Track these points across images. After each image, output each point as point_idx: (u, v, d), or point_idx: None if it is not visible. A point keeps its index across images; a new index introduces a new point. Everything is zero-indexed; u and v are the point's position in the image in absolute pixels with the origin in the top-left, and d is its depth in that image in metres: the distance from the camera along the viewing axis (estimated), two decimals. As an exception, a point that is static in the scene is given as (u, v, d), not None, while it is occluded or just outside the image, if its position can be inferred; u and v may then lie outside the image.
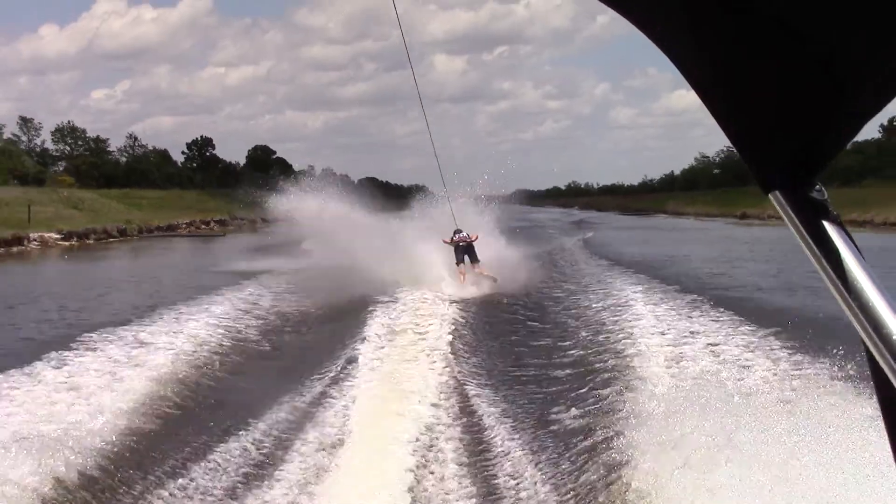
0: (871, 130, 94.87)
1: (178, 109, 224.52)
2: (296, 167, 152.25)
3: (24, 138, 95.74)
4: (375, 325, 15.57)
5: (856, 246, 0.78)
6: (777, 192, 0.82)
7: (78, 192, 66.25)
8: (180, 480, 8.11)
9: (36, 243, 42.90)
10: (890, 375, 0.71)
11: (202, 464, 8.53)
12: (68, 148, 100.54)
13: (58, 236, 45.15)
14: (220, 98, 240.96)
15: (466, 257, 21.30)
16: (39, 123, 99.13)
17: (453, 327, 15.49)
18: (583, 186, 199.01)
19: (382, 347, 13.73)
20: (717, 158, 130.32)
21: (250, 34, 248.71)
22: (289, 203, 29.28)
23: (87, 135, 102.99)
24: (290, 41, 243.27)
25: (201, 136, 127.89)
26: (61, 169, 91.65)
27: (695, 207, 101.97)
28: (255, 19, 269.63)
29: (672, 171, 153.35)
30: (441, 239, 22.09)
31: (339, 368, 12.39)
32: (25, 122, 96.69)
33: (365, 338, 14.41)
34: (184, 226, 62.92)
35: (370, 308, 17.48)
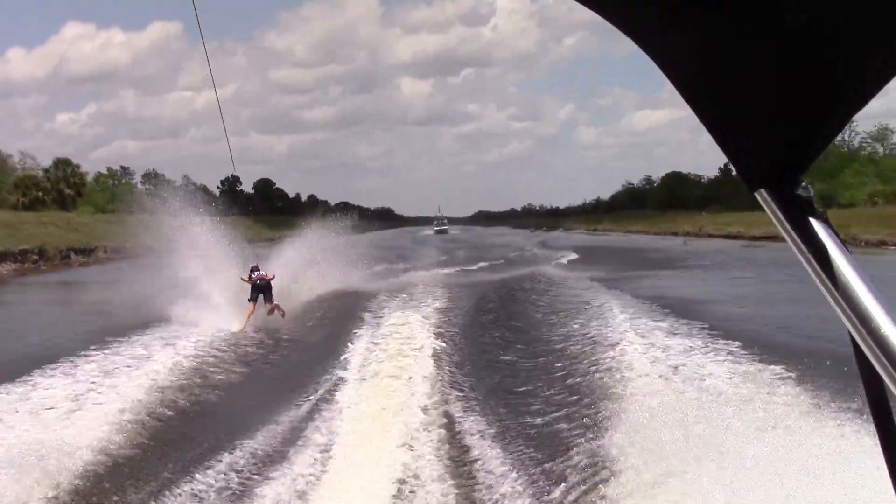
0: (712, 169, 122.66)
1: (143, 133, 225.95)
2: (290, 195, 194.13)
3: (123, 181, 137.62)
4: (362, 342, 16.33)
5: (843, 242, 0.78)
6: (763, 191, 0.82)
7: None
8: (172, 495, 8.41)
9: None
10: (878, 369, 0.72)
11: (187, 481, 8.76)
12: (153, 187, 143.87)
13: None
14: (186, 121, 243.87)
15: (261, 296, 21.28)
16: (133, 170, 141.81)
17: (437, 340, 15.99)
18: (538, 208, 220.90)
19: (368, 365, 14.06)
20: (642, 184, 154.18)
21: (216, 57, 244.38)
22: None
23: (165, 177, 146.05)
24: (257, 64, 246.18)
25: (231, 175, 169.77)
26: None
27: (587, 224, 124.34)
28: (221, 42, 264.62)
29: (598, 196, 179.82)
30: (240, 276, 22.07)
31: (326, 384, 13.02)
32: (124, 169, 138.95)
33: (350, 354, 15.08)
34: (277, 238, 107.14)
35: (357, 323, 18.94)
